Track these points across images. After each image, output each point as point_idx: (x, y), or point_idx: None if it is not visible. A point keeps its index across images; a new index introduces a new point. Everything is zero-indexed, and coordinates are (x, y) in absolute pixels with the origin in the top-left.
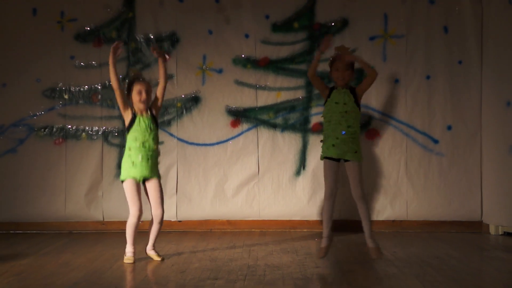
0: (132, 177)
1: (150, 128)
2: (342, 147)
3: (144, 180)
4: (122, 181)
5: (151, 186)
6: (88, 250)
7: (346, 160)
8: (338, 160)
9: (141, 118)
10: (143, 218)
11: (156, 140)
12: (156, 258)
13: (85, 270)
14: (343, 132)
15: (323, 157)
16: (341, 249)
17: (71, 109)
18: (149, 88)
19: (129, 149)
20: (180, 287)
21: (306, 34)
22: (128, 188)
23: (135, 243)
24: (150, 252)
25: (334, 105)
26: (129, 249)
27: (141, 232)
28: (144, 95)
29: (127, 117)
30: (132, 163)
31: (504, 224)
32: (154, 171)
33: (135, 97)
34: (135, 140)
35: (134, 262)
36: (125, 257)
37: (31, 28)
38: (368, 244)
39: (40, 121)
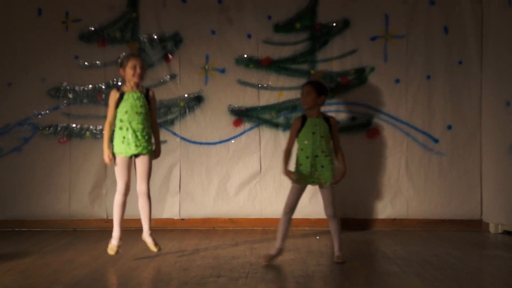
0: (121, 153)
1: (140, 107)
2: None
3: (135, 156)
4: (114, 156)
5: (139, 161)
6: (92, 248)
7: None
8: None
9: (129, 94)
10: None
11: (147, 119)
12: (152, 248)
13: (89, 268)
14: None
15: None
16: (342, 247)
17: (75, 109)
18: (144, 64)
19: (120, 121)
20: (183, 285)
21: (308, 35)
22: (118, 162)
23: (122, 227)
24: (147, 239)
25: (310, 135)
26: (115, 234)
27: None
28: (138, 70)
29: (114, 96)
30: (123, 138)
31: (503, 222)
32: (144, 147)
33: (128, 71)
34: (125, 114)
35: (117, 253)
36: (109, 245)
37: (36, 28)
38: (336, 254)
39: (45, 120)
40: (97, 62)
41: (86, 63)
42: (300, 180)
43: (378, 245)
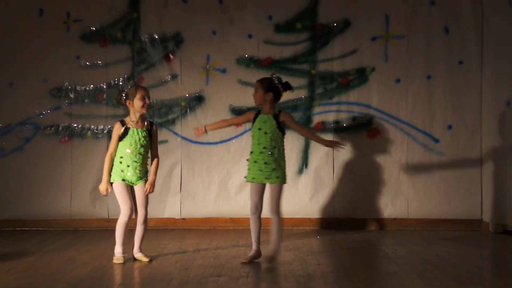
0: (121, 179)
1: (143, 142)
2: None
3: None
4: (112, 183)
5: (138, 188)
6: (93, 247)
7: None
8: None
9: (135, 130)
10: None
11: (147, 151)
12: (144, 259)
13: (90, 267)
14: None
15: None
16: (342, 247)
17: (76, 108)
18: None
19: (120, 157)
20: (183, 284)
21: (309, 35)
22: (118, 188)
23: (124, 243)
24: (137, 254)
25: (257, 131)
26: (118, 250)
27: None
28: (147, 101)
29: (119, 131)
30: (121, 172)
31: (503, 222)
32: (141, 175)
33: (138, 102)
34: (127, 150)
35: (124, 263)
36: (114, 258)
37: (38, 29)
38: (269, 254)
39: (46, 120)
40: (99, 62)
41: (87, 63)
42: (255, 179)
43: (379, 245)
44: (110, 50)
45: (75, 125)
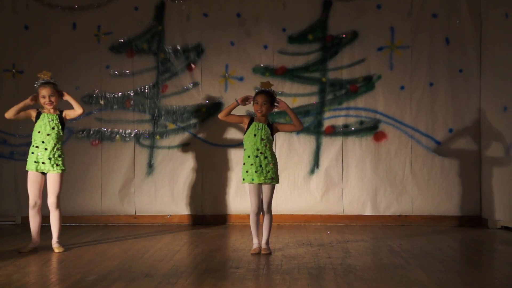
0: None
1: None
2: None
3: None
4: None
5: (49, 177)
6: (122, 241)
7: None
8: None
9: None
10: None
11: (57, 138)
12: (58, 250)
13: (119, 259)
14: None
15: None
16: (351, 241)
17: (106, 114)
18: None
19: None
20: (205, 272)
21: (320, 45)
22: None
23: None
24: (54, 245)
25: (253, 137)
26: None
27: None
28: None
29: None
30: (36, 157)
31: (502, 218)
32: (54, 165)
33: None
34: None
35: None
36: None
37: (71, 41)
38: (263, 246)
39: (78, 125)
40: (126, 71)
41: (116, 72)
42: (254, 180)
43: (385, 239)
44: (136, 60)
45: (105, 129)
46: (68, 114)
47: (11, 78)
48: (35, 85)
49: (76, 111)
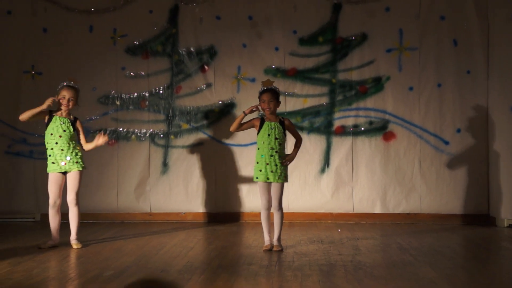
0: (53, 170)
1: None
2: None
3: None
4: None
5: (69, 175)
6: (138, 238)
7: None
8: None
9: (57, 118)
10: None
11: (70, 138)
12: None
13: (135, 255)
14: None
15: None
16: (361, 239)
17: (122, 114)
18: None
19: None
20: (218, 268)
21: (330, 47)
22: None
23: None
24: (72, 241)
25: (266, 137)
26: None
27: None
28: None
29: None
30: (54, 158)
31: (509, 217)
32: (74, 163)
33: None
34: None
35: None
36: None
37: (88, 43)
38: (275, 243)
39: (95, 125)
40: (142, 72)
41: (131, 73)
42: (269, 179)
43: (394, 237)
44: (151, 62)
45: (121, 129)
46: (79, 131)
47: (30, 79)
48: (62, 84)
49: (82, 143)
